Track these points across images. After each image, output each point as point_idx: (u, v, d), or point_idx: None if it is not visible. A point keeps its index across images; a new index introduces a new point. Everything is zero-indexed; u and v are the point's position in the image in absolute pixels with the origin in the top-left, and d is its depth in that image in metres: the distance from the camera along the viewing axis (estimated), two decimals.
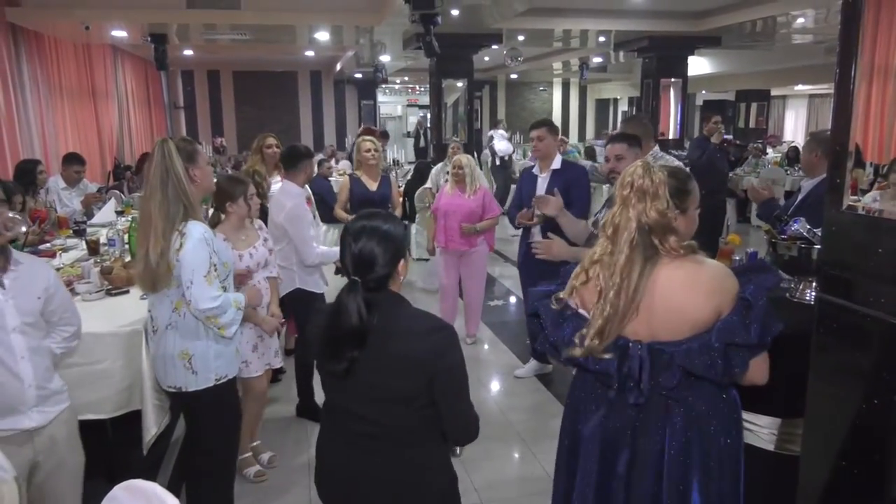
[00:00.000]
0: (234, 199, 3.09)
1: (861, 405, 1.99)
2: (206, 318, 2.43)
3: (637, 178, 1.81)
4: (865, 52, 2.04)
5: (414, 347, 1.70)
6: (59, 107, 8.60)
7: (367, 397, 1.74)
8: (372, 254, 1.70)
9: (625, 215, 1.81)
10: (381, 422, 1.74)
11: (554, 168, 4.27)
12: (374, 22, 8.15)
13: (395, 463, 1.77)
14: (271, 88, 16.10)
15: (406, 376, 1.70)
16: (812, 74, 13.69)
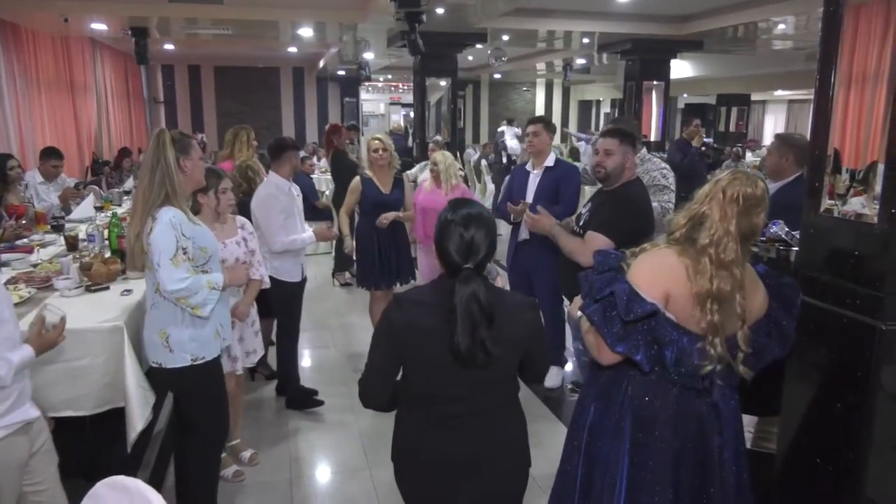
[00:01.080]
0: (206, 190, 3.09)
1: (836, 404, 2.03)
2: (177, 300, 2.52)
3: (746, 187, 1.83)
4: (844, 59, 2.09)
5: (520, 329, 1.84)
6: (36, 100, 8.47)
7: (473, 379, 1.80)
8: (481, 240, 1.78)
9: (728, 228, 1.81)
10: (485, 401, 1.86)
11: (547, 165, 4.25)
12: (358, 19, 8.13)
13: (496, 441, 1.89)
14: (253, 84, 15.98)
15: (515, 352, 1.85)
16: (792, 80, 13.89)
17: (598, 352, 1.96)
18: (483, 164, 12.97)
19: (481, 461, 1.87)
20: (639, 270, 1.91)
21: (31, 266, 3.80)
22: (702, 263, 1.82)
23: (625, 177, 3.13)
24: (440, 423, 1.86)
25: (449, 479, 1.87)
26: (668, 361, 1.85)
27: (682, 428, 1.91)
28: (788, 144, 3.36)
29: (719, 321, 1.81)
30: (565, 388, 4.46)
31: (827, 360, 2.06)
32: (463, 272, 1.75)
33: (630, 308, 1.83)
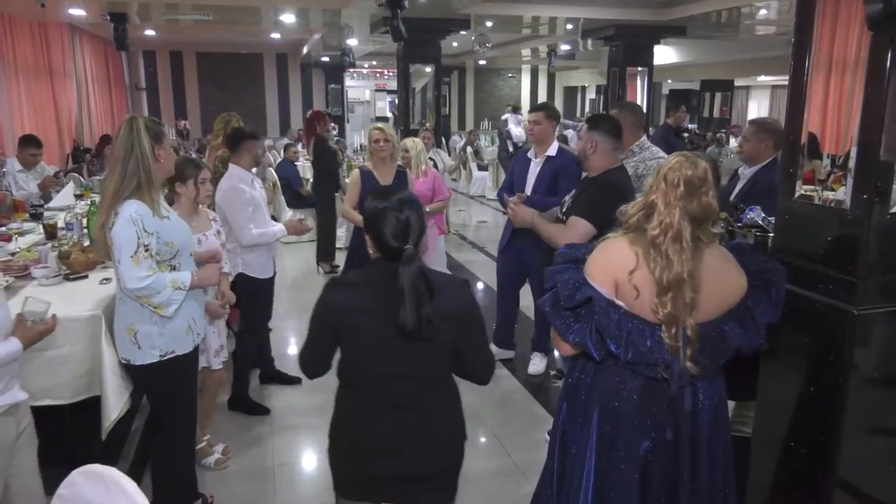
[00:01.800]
0: (184, 180, 3.04)
1: (810, 388, 2.06)
2: (137, 298, 2.43)
3: (686, 170, 1.82)
4: (824, 45, 2.10)
5: (454, 303, 1.88)
6: (14, 86, 8.34)
7: (409, 358, 1.86)
8: (415, 221, 1.85)
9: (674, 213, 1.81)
10: (423, 377, 1.91)
11: (549, 154, 4.19)
12: (340, 4, 8.07)
13: (434, 415, 1.95)
14: (236, 71, 15.84)
15: (451, 329, 1.86)
16: (774, 66, 13.95)
17: (556, 342, 1.99)
18: (469, 150, 12.96)
19: (415, 440, 1.92)
20: (591, 260, 1.92)
21: (8, 255, 3.75)
22: (652, 253, 1.81)
23: (601, 164, 3.13)
24: (376, 403, 1.91)
25: (382, 458, 1.92)
26: (613, 351, 1.84)
27: (648, 420, 1.90)
28: (766, 130, 3.43)
29: (673, 311, 1.80)
30: (549, 375, 4.48)
31: (801, 344, 2.08)
32: (406, 252, 1.80)
33: (571, 296, 1.85)
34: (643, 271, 1.82)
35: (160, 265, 2.47)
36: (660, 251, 1.80)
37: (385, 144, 4.22)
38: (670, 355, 1.83)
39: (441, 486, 2.03)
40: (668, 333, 1.81)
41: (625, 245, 1.87)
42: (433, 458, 1.96)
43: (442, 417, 1.98)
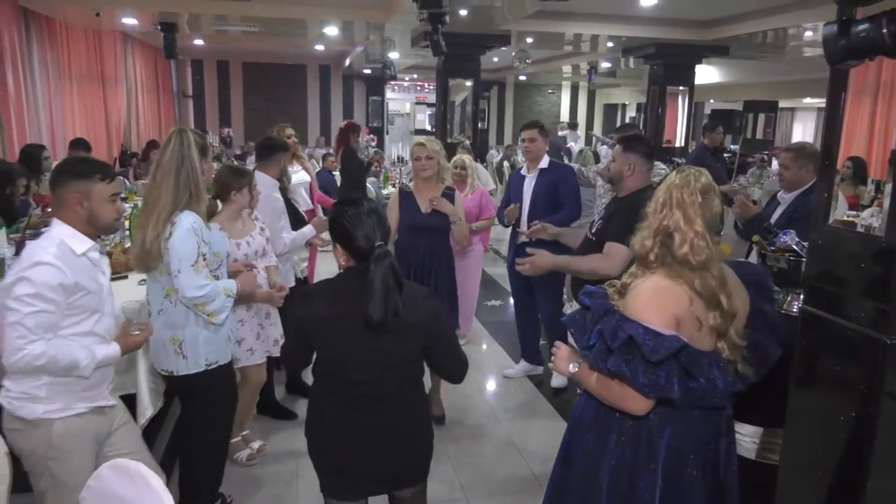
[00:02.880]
0: (240, 188, 3.15)
1: (839, 418, 2.02)
2: (194, 306, 2.50)
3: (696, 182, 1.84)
4: (870, 69, 2.07)
5: (419, 311, 1.98)
6: (67, 92, 8.65)
7: (375, 362, 1.97)
8: (382, 222, 1.99)
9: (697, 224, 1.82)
10: (384, 383, 2.00)
11: (541, 167, 4.28)
12: (383, 18, 8.18)
13: (395, 417, 2.03)
14: (280, 80, 16.13)
15: (409, 338, 1.98)
16: (821, 88, 13.61)
17: (625, 403, 1.82)
18: (505, 165, 12.97)
19: (384, 439, 2.02)
20: (641, 304, 1.80)
21: None
22: (688, 273, 1.80)
23: (634, 184, 3.08)
24: (346, 403, 2.02)
25: (352, 454, 2.03)
26: (696, 391, 1.78)
27: (704, 448, 1.90)
28: (805, 155, 3.39)
29: (721, 324, 1.81)
30: (575, 391, 4.45)
31: (831, 372, 2.04)
32: (377, 249, 1.90)
33: (655, 348, 1.71)
34: (696, 299, 1.80)
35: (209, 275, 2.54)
36: (693, 267, 1.79)
37: (427, 162, 3.63)
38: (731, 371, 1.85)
39: (403, 486, 2.14)
40: (723, 346, 1.83)
41: (668, 281, 1.81)
42: (394, 463, 2.07)
43: (405, 423, 2.07)
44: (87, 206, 2.09)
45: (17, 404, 2.06)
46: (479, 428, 3.98)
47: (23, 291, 1.95)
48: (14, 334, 1.94)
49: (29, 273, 1.97)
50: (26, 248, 2.13)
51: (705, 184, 1.84)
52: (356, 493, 2.12)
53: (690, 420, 1.87)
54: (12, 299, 1.95)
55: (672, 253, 1.81)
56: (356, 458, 2.03)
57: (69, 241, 2.06)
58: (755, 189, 9.70)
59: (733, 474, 1.98)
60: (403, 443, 2.07)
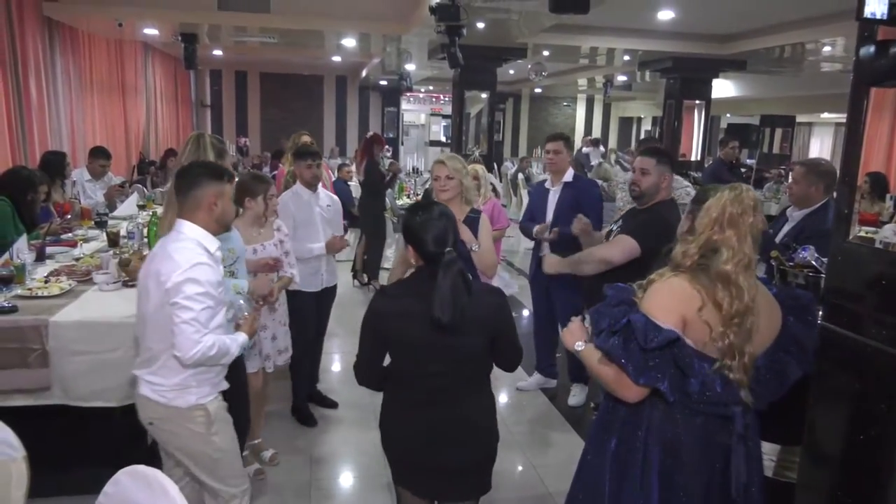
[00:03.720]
0: (255, 196, 3.20)
1: (858, 436, 1.99)
2: None
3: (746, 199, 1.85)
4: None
5: (482, 308, 2.06)
6: (88, 100, 8.77)
7: (444, 357, 2.05)
8: (452, 228, 2.07)
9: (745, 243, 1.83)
10: (459, 376, 2.09)
11: (566, 181, 4.26)
12: (401, 31, 8.24)
13: (466, 409, 2.12)
14: (297, 91, 16.27)
15: (479, 334, 2.06)
16: (839, 103, 13.55)
17: (618, 386, 1.89)
18: (520, 177, 12.98)
19: (450, 435, 2.10)
20: (653, 299, 1.87)
21: (73, 260, 3.94)
22: (720, 287, 1.81)
23: (659, 196, 3.09)
24: (418, 397, 2.10)
25: (425, 446, 2.11)
26: (692, 389, 1.81)
27: (709, 458, 1.88)
28: (817, 173, 3.33)
29: (737, 342, 1.80)
30: (589, 406, 4.42)
31: (851, 389, 2.02)
32: (446, 255, 2.00)
33: (648, 336, 1.79)
34: (710, 307, 1.82)
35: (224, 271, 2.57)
36: (729, 283, 1.80)
37: (448, 182, 3.20)
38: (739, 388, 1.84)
39: (474, 479, 2.21)
40: (731, 364, 1.82)
41: (686, 283, 1.85)
42: (466, 452, 2.14)
43: (476, 415, 2.15)
44: (220, 206, 2.27)
45: (171, 395, 2.25)
46: None
47: (193, 291, 2.13)
48: (190, 330, 2.13)
49: (193, 273, 2.14)
50: (165, 250, 2.22)
51: (753, 196, 1.87)
52: (427, 487, 2.20)
53: (692, 426, 1.87)
54: (183, 298, 2.12)
55: (715, 265, 1.82)
56: (428, 450, 2.11)
57: (203, 241, 2.24)
58: (772, 203, 9.64)
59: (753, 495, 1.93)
60: (475, 435, 2.15)
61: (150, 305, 2.21)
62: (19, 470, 1.96)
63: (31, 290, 3.19)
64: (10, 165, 5.86)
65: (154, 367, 2.26)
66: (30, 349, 2.86)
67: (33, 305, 3.04)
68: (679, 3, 7.19)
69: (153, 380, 2.26)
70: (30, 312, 2.95)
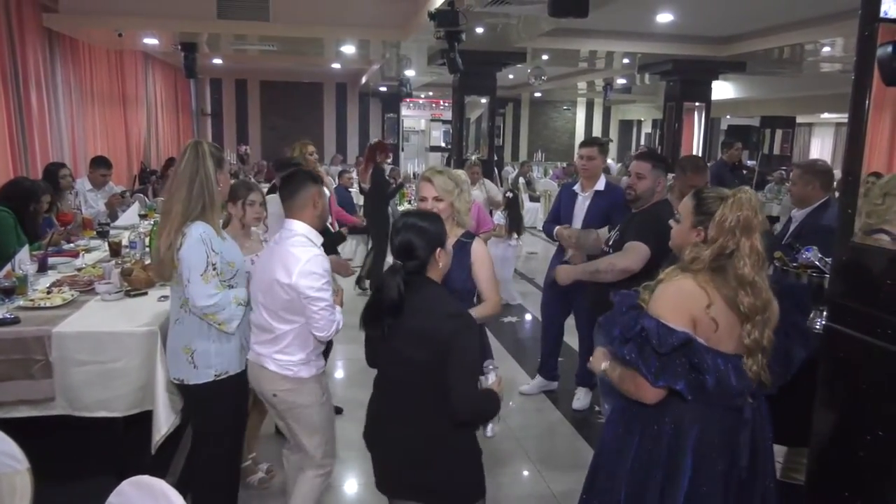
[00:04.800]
0: (234, 200, 3.15)
1: (866, 437, 1.98)
2: (204, 315, 2.52)
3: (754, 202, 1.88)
4: None
5: (432, 325, 2.00)
6: (89, 111, 8.80)
7: (396, 361, 2.09)
8: (411, 244, 2.07)
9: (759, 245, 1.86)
10: (409, 390, 2.10)
11: (597, 189, 4.15)
12: (400, 37, 8.26)
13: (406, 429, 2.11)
14: (297, 99, 16.31)
15: (421, 348, 2.01)
16: (839, 103, 13.57)
17: (638, 391, 1.91)
18: (521, 182, 12.99)
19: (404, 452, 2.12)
20: (662, 301, 1.89)
21: (75, 270, 3.94)
22: (739, 289, 1.84)
23: (654, 199, 3.11)
24: (382, 407, 2.21)
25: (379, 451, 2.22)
26: (709, 386, 1.83)
27: (728, 450, 1.90)
28: (812, 172, 3.40)
29: (759, 337, 1.84)
30: (594, 409, 4.41)
31: (858, 391, 2.01)
32: (391, 266, 2.09)
33: (663, 340, 1.81)
34: (718, 304, 1.85)
35: (221, 284, 2.56)
36: (747, 283, 1.83)
37: (436, 205, 2.67)
38: (753, 381, 1.87)
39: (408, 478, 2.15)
40: (754, 360, 1.86)
41: (691, 283, 1.88)
42: (396, 470, 2.17)
43: (410, 437, 2.10)
44: (320, 204, 2.58)
45: (297, 369, 2.54)
46: (493, 444, 3.94)
47: (319, 282, 2.44)
48: (326, 314, 2.47)
49: (313, 266, 2.44)
50: (283, 247, 2.49)
51: (757, 199, 1.90)
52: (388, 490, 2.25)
53: (714, 420, 1.90)
54: (314, 291, 2.43)
55: (733, 269, 1.85)
56: (382, 456, 2.20)
57: (310, 236, 2.54)
58: (773, 205, 9.64)
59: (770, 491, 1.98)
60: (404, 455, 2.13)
61: (275, 296, 2.46)
62: (23, 482, 1.96)
63: (34, 301, 3.19)
64: (11, 177, 5.87)
65: (281, 346, 2.52)
66: (33, 360, 2.86)
67: (36, 316, 3.04)
68: (678, 5, 7.20)
69: (281, 357, 2.53)
70: (33, 323, 2.95)
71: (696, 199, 2.00)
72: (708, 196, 1.96)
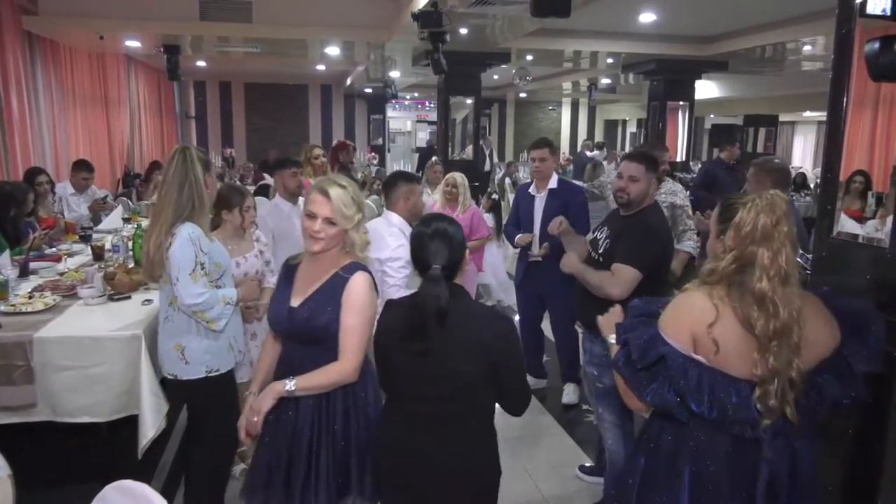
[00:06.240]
0: (231, 208, 3.21)
1: (847, 431, 2.00)
2: (193, 314, 2.58)
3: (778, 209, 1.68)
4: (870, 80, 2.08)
5: (480, 332, 1.92)
6: (71, 114, 8.71)
7: (437, 377, 1.93)
8: (447, 251, 1.94)
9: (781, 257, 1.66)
10: (452, 402, 1.94)
11: (551, 188, 4.27)
12: (384, 38, 8.25)
13: (453, 444, 1.96)
14: (282, 101, 16.24)
15: (471, 357, 1.91)
16: (821, 101, 13.65)
17: (626, 397, 1.85)
18: (507, 182, 13.00)
19: (435, 464, 1.96)
20: (667, 314, 1.78)
21: (58, 274, 3.90)
22: (754, 307, 1.66)
23: (645, 203, 3.04)
24: (409, 423, 2.00)
25: (407, 476, 2.00)
26: (696, 411, 1.68)
27: (739, 482, 1.72)
28: (765, 170, 3.41)
29: (780, 365, 1.63)
30: (582, 408, 4.43)
31: None
32: (430, 271, 1.91)
33: (643, 355, 1.73)
34: (725, 324, 1.68)
35: (209, 284, 2.60)
36: (765, 301, 1.64)
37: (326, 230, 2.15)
38: (766, 415, 1.66)
39: None
40: (766, 390, 1.64)
41: (702, 297, 1.73)
42: (445, 486, 1.97)
43: (469, 448, 1.98)
44: (412, 201, 3.15)
45: None
46: None
47: (397, 265, 2.90)
48: (395, 289, 2.85)
49: (398, 253, 2.90)
50: (378, 233, 2.91)
51: (787, 209, 1.70)
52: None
53: (718, 446, 1.73)
54: (393, 269, 2.91)
55: (749, 283, 1.68)
56: (409, 482, 1.98)
57: (402, 228, 3.01)
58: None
59: None
60: (461, 479, 1.96)
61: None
62: (5, 489, 1.94)
63: (15, 306, 3.16)
64: None
65: None
66: (14, 366, 2.83)
67: (17, 321, 3.01)
68: (660, 5, 7.24)
69: None
70: (13, 329, 2.92)
71: (721, 206, 1.84)
72: (733, 202, 1.78)
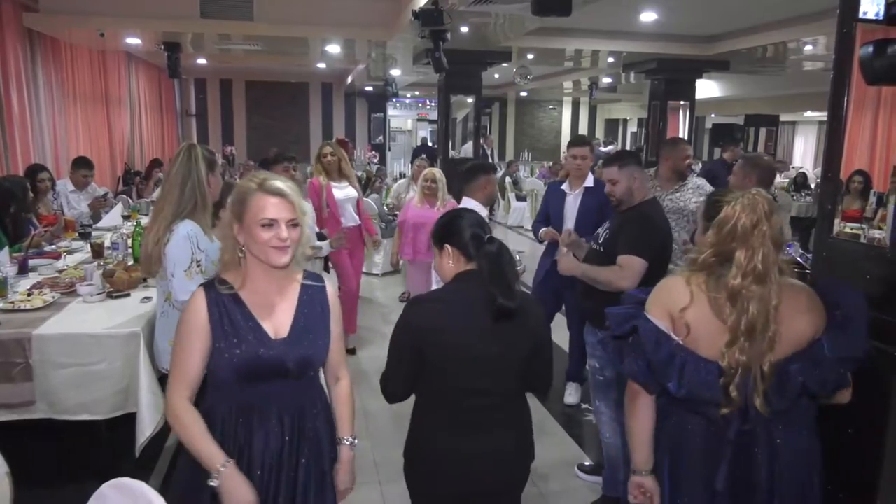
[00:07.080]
0: (225, 205, 3.16)
1: (847, 430, 2.00)
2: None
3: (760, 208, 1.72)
4: None
5: (530, 318, 1.96)
6: (71, 111, 8.70)
7: (491, 369, 1.92)
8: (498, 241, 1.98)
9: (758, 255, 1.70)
10: (502, 393, 1.96)
11: (587, 186, 4.15)
12: (385, 37, 8.24)
13: (510, 431, 1.98)
14: (283, 99, 16.23)
15: (524, 343, 1.95)
16: (821, 101, 13.66)
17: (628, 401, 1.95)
18: (507, 181, 13.00)
19: (492, 456, 1.95)
20: (651, 296, 1.88)
21: (57, 272, 3.90)
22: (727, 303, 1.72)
23: (638, 197, 3.05)
24: (459, 421, 1.93)
25: (466, 472, 1.94)
26: (669, 387, 1.76)
27: (712, 463, 1.78)
28: (752, 165, 3.42)
29: (750, 359, 1.69)
30: (581, 408, 4.42)
31: None
32: (487, 238, 1.94)
33: (621, 324, 1.86)
34: (697, 309, 1.75)
35: None
36: (737, 299, 1.70)
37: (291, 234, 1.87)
38: (726, 403, 1.72)
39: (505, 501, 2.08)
40: (729, 381, 1.70)
41: (681, 283, 1.81)
42: (505, 474, 2.00)
43: (517, 434, 2.03)
44: (489, 189, 3.56)
45: None
46: None
47: None
48: None
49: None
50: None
51: (771, 204, 1.75)
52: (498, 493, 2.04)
53: (684, 425, 1.83)
54: None
55: (725, 279, 1.72)
56: (470, 476, 1.94)
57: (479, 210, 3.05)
58: None
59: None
60: (514, 457, 2.01)
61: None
62: (3, 487, 1.93)
63: (14, 304, 3.16)
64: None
65: None
66: (13, 363, 2.83)
67: (16, 319, 3.01)
68: (661, 4, 7.24)
69: None
70: (12, 326, 2.92)
71: (706, 203, 1.94)
72: (718, 199, 1.85)
